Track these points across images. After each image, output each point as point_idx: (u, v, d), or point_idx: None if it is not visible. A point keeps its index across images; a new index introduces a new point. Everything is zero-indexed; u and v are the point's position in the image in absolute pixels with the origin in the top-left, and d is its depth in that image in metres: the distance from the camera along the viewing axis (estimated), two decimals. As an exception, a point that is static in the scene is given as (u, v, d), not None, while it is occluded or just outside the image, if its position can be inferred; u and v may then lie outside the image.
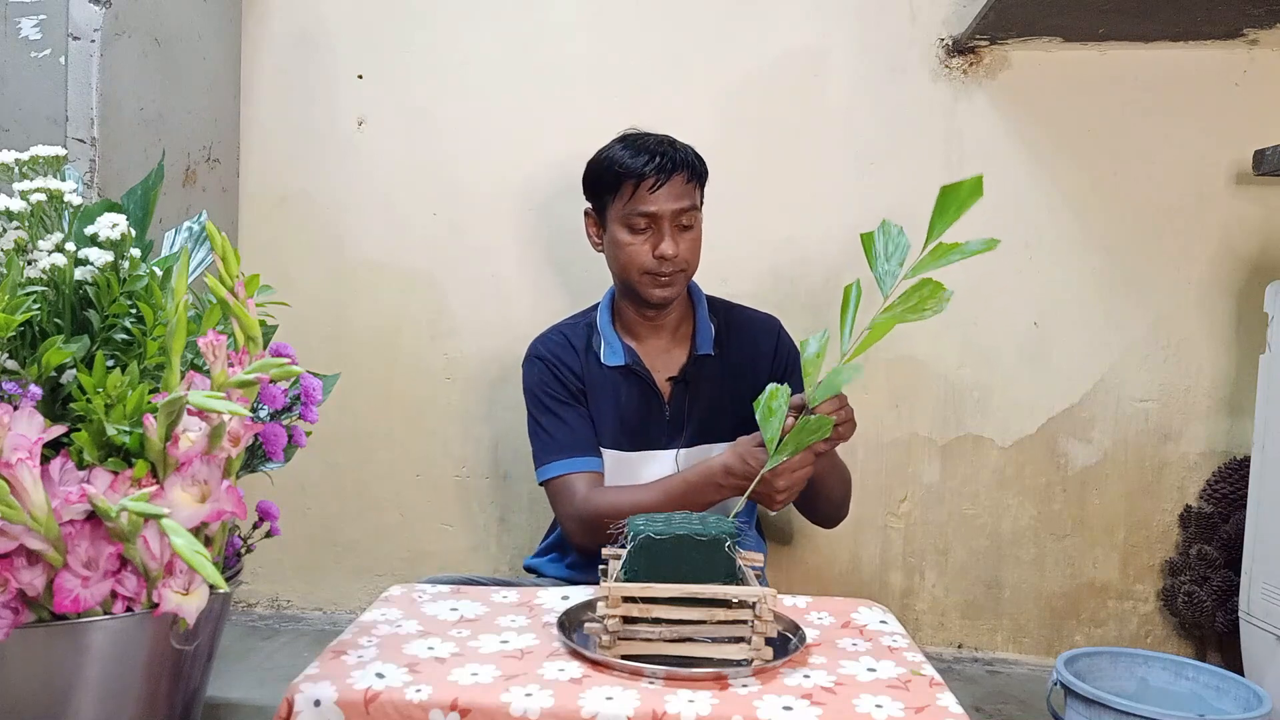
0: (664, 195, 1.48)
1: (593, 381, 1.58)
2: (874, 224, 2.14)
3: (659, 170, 1.48)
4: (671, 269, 1.50)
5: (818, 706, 0.91)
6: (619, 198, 1.51)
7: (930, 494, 2.05)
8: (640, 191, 1.49)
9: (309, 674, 0.95)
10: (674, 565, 1.02)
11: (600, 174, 1.54)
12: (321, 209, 2.12)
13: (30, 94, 1.61)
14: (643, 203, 1.49)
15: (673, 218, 1.49)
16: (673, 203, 1.49)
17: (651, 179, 1.48)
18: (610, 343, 1.59)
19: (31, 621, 0.87)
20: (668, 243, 1.49)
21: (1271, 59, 1.94)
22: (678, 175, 1.49)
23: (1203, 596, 1.88)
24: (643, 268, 1.51)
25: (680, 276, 1.53)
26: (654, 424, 1.58)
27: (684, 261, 1.51)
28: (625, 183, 1.49)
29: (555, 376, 1.58)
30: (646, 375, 1.57)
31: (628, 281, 1.54)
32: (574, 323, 1.66)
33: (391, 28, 2.09)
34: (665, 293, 1.52)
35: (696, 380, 1.58)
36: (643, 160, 1.49)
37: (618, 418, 1.57)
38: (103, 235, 1.00)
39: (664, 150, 1.50)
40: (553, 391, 1.58)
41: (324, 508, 2.16)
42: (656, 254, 1.49)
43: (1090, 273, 2.00)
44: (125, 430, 0.93)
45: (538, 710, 0.89)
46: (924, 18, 1.99)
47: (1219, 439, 1.99)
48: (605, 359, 1.58)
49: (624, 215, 1.51)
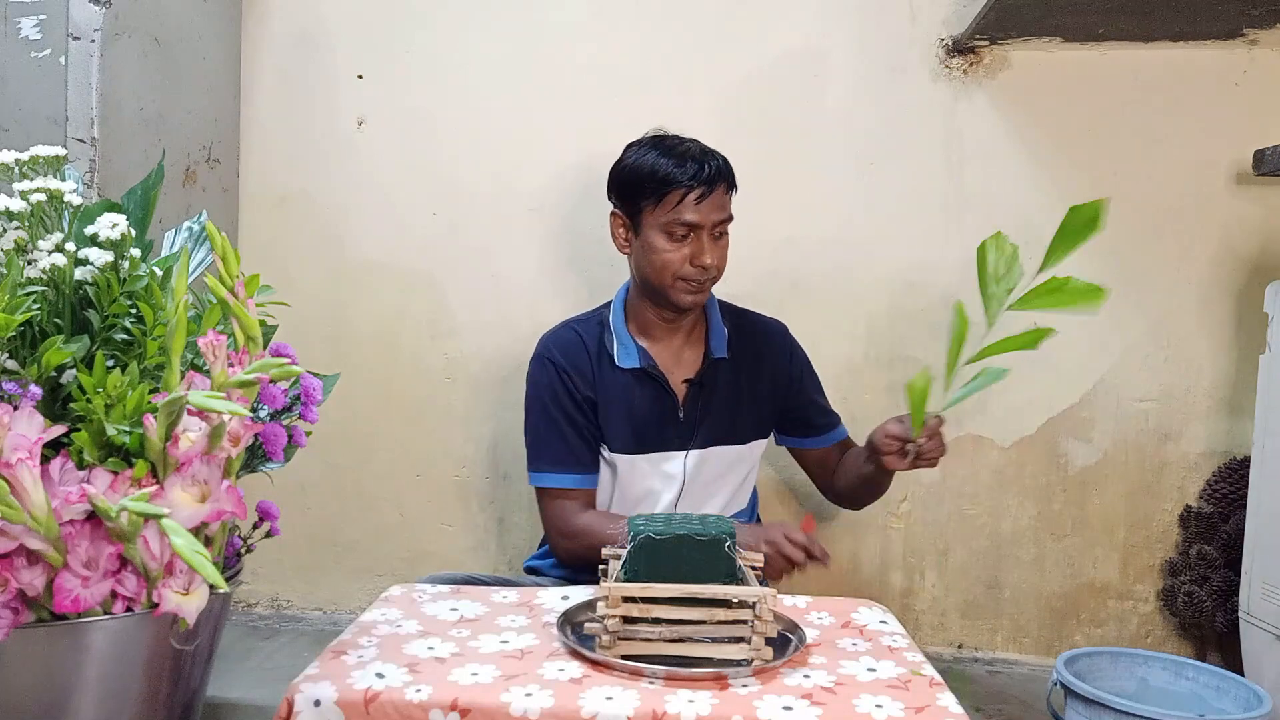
0: (707, 206, 1.48)
1: (605, 384, 1.58)
2: (874, 224, 2.14)
3: (705, 181, 1.47)
4: (705, 277, 1.51)
5: (818, 706, 0.91)
6: (661, 205, 1.49)
7: (930, 494, 2.05)
8: (686, 201, 1.47)
9: (309, 674, 0.95)
10: (674, 565, 1.02)
11: (640, 180, 1.51)
12: (321, 209, 2.12)
13: (30, 94, 1.61)
14: (687, 212, 1.48)
15: (712, 228, 1.50)
16: (715, 214, 1.49)
17: (698, 190, 1.47)
18: (624, 344, 1.58)
19: (31, 621, 0.87)
20: (709, 254, 1.49)
21: (1271, 59, 1.94)
22: (720, 186, 1.50)
23: (1203, 596, 1.88)
24: (678, 274, 1.50)
25: (710, 284, 1.54)
26: (667, 426, 1.58)
27: (717, 270, 1.52)
28: (669, 191, 1.48)
29: (564, 384, 1.57)
30: (661, 378, 1.57)
31: (660, 286, 1.53)
32: (587, 319, 1.65)
33: (391, 28, 2.09)
34: (697, 299, 1.53)
35: (711, 383, 1.59)
36: (689, 171, 1.47)
37: (630, 421, 1.57)
38: (103, 235, 1.00)
39: (707, 160, 1.49)
40: (559, 399, 1.57)
41: (324, 508, 2.16)
42: (696, 263, 1.49)
43: (1090, 273, 1.99)
44: (125, 430, 0.93)
45: (538, 710, 0.89)
46: (924, 18, 1.99)
47: (1219, 439, 1.99)
48: (619, 360, 1.57)
49: (665, 223, 1.49)
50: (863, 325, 2.03)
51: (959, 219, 2.01)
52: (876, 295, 2.03)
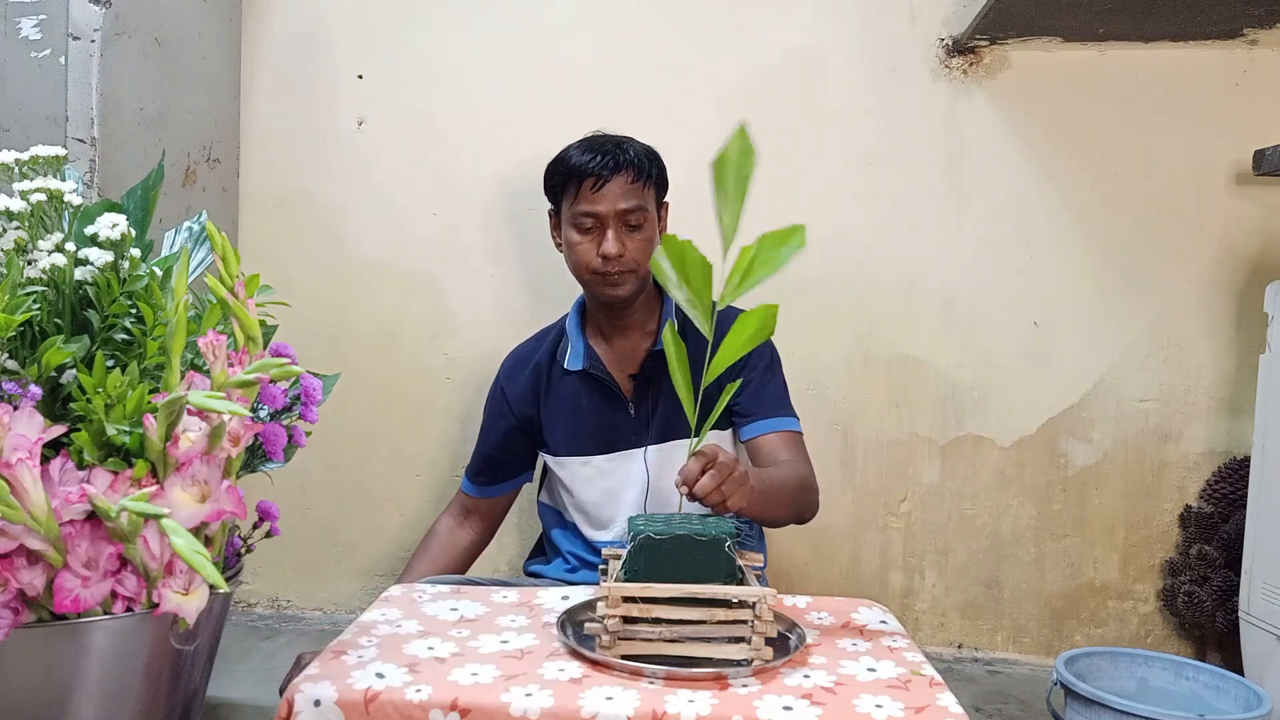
0: (607, 195, 1.47)
1: (554, 392, 1.59)
2: (874, 223, 2.14)
3: (600, 169, 1.46)
4: (619, 269, 1.48)
5: (818, 706, 0.91)
6: (566, 197, 1.51)
7: (930, 494, 2.05)
8: (584, 191, 1.48)
9: (309, 674, 0.95)
10: (674, 565, 1.02)
11: (553, 174, 1.53)
12: (321, 209, 2.12)
13: (30, 94, 1.61)
14: (586, 202, 1.48)
15: (618, 218, 1.48)
16: (616, 203, 1.47)
17: (593, 178, 1.47)
18: (575, 347, 1.58)
19: (31, 621, 0.87)
20: (609, 242, 1.47)
21: (1271, 59, 1.94)
22: (621, 175, 1.47)
23: (1203, 596, 1.88)
24: (590, 267, 1.50)
25: (630, 277, 1.50)
26: (621, 425, 1.56)
27: (632, 261, 1.49)
28: (571, 182, 1.49)
29: (500, 407, 1.64)
30: (606, 377, 1.56)
31: (580, 281, 1.54)
32: (547, 330, 1.67)
33: (391, 28, 2.09)
34: (615, 292, 1.50)
35: (655, 376, 1.54)
36: (587, 159, 1.48)
37: (579, 423, 1.56)
38: (103, 235, 1.00)
39: (610, 150, 1.49)
40: (490, 411, 1.67)
41: (324, 508, 2.16)
42: (600, 253, 1.48)
43: (1090, 273, 2.00)
44: (125, 430, 0.93)
45: (538, 710, 0.89)
46: (924, 18, 1.99)
47: (1219, 439, 1.99)
48: (568, 364, 1.58)
49: (572, 215, 1.50)
50: (863, 325, 2.03)
51: (959, 219, 2.01)
52: (876, 295, 2.03)
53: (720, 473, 1.13)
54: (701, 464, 1.13)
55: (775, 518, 1.42)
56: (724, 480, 1.13)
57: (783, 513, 1.41)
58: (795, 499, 1.42)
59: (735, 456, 1.18)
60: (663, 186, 1.56)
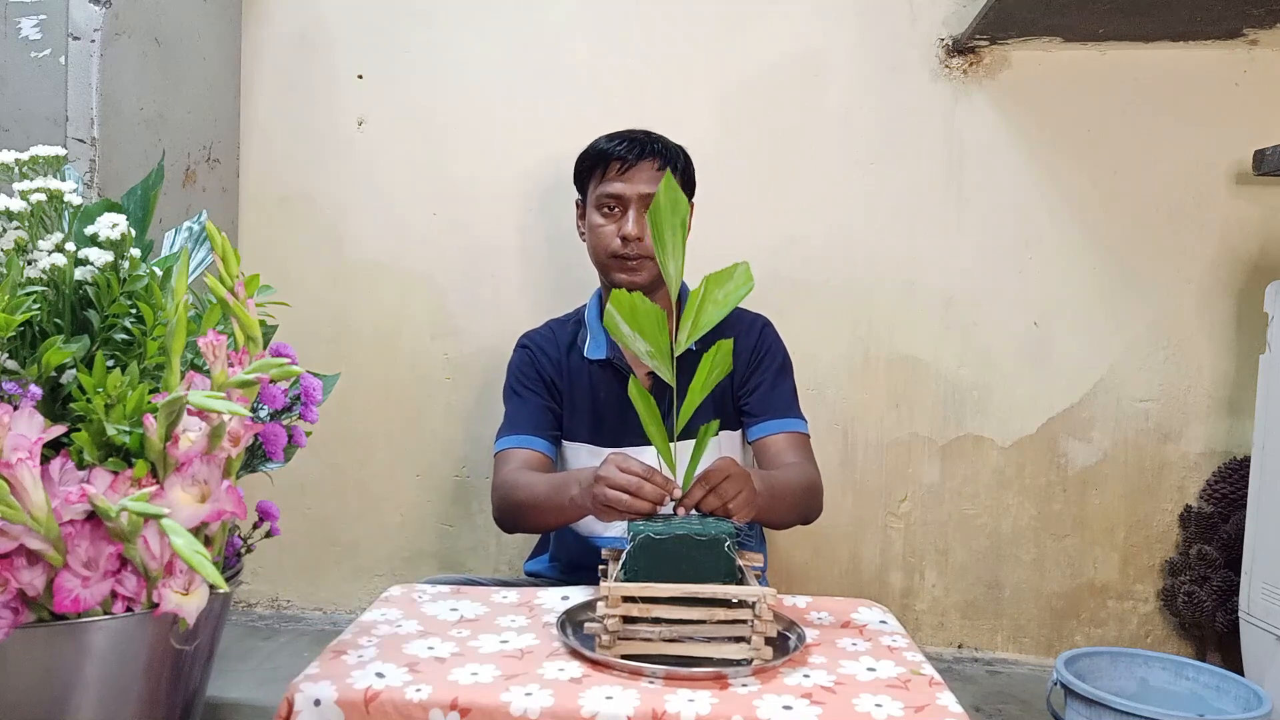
0: (631, 177, 1.50)
1: (573, 375, 1.59)
2: (874, 224, 2.14)
3: (626, 153, 1.51)
4: (636, 253, 1.50)
5: (817, 706, 0.91)
6: (593, 181, 1.55)
7: (930, 494, 2.05)
8: (609, 173, 1.51)
9: (309, 674, 0.95)
10: (674, 565, 1.02)
11: (582, 159, 1.58)
12: (321, 209, 2.12)
13: (30, 94, 1.61)
14: (610, 184, 1.51)
15: (640, 201, 1.50)
16: (640, 186, 1.50)
17: (619, 161, 1.51)
18: (595, 336, 1.59)
19: (31, 621, 0.87)
20: (630, 224, 1.50)
21: (1271, 59, 1.94)
22: (646, 160, 1.51)
23: (1203, 596, 1.88)
24: (609, 250, 1.52)
25: (648, 263, 1.51)
26: (635, 419, 1.55)
27: (649, 248, 1.49)
28: (598, 166, 1.53)
29: (532, 362, 1.60)
30: (626, 370, 1.56)
31: (599, 266, 1.57)
32: (565, 318, 1.68)
33: (391, 28, 2.09)
34: (631, 278, 1.51)
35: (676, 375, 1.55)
36: (615, 144, 1.52)
37: (595, 412, 1.57)
38: (103, 235, 1.00)
39: (639, 137, 1.53)
40: (525, 376, 1.60)
41: (324, 508, 2.16)
42: (621, 234, 1.50)
43: (1090, 273, 2.00)
44: (125, 430, 0.93)
45: (538, 710, 0.89)
46: (924, 18, 1.99)
47: (1219, 439, 1.99)
48: (588, 352, 1.58)
49: (596, 197, 1.54)
50: (863, 325, 2.03)
51: (959, 219, 2.01)
52: (876, 295, 2.03)
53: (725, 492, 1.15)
54: (704, 490, 1.15)
55: (781, 521, 1.44)
56: (731, 499, 1.15)
57: (789, 516, 1.44)
58: (801, 502, 1.44)
59: (745, 472, 1.19)
60: (690, 185, 1.58)
